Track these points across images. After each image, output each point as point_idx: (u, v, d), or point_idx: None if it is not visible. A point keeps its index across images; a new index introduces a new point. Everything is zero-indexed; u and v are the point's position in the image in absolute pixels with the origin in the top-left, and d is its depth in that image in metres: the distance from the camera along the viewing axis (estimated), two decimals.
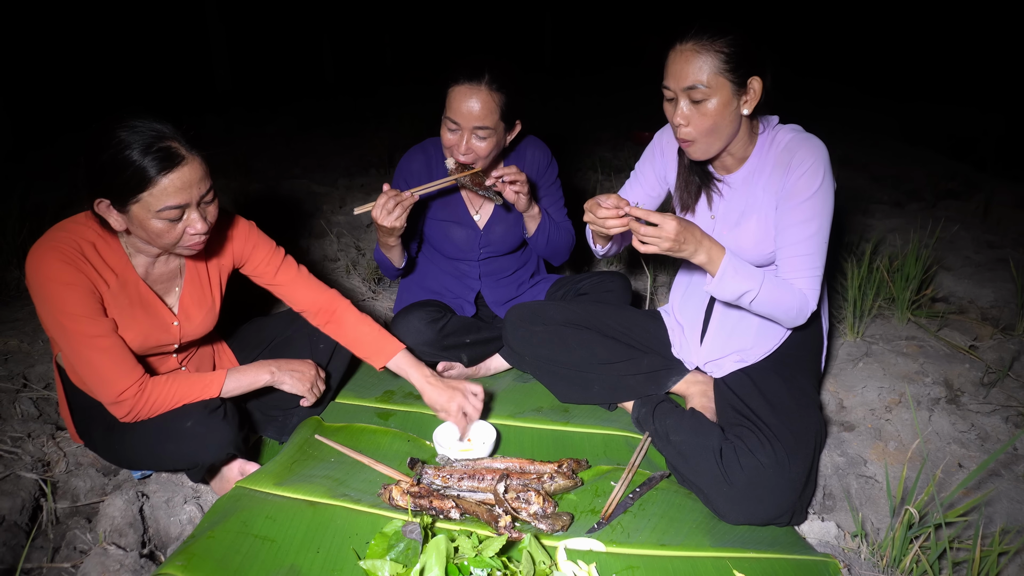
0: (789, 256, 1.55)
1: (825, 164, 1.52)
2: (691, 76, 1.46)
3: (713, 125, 1.49)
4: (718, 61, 1.44)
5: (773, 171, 1.58)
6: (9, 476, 1.61)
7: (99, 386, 1.43)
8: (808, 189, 1.51)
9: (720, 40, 1.44)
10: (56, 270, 1.37)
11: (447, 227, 2.07)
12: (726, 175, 1.67)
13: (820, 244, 1.54)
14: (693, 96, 1.47)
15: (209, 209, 1.44)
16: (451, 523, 1.44)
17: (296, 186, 4.41)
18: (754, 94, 1.50)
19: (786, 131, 1.60)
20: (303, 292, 1.78)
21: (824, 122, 1.69)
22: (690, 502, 1.53)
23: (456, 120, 1.79)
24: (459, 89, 1.78)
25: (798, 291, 1.54)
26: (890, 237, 3.25)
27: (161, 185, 1.32)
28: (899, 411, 1.94)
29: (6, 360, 2.14)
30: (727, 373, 1.77)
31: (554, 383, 1.92)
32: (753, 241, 1.62)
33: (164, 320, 1.57)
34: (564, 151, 5.26)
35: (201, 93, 8.17)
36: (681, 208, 1.76)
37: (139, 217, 1.35)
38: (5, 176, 4.14)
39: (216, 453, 1.50)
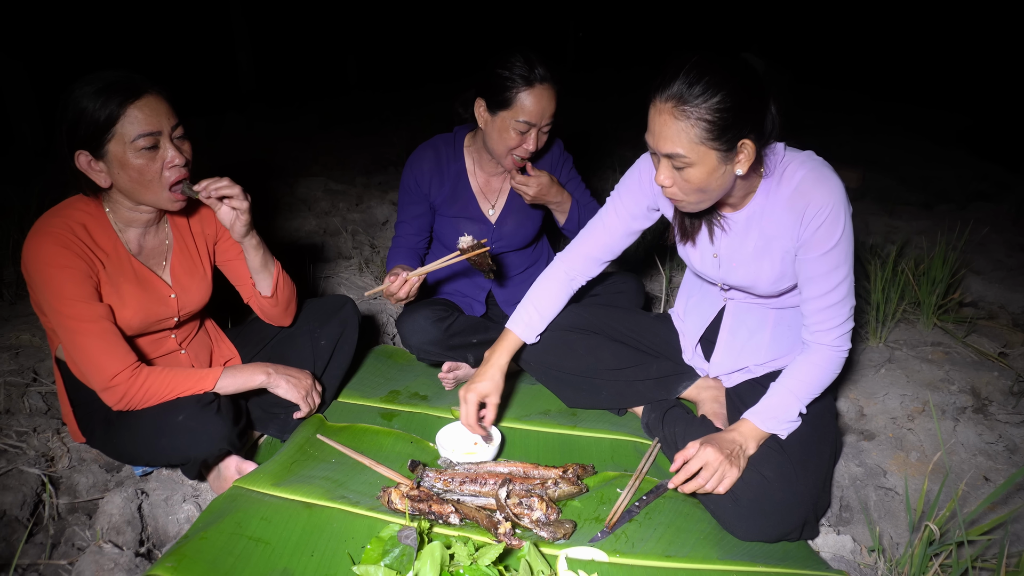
0: (819, 308, 1.43)
1: (844, 206, 1.36)
2: (669, 143, 1.27)
3: (699, 188, 1.32)
4: (699, 130, 1.23)
5: (784, 216, 1.42)
6: (12, 471, 1.61)
7: (92, 371, 1.43)
8: (830, 239, 1.37)
9: (703, 104, 1.22)
10: (52, 254, 1.39)
11: (458, 223, 2.04)
12: (729, 213, 1.51)
13: (849, 286, 1.43)
14: (674, 163, 1.30)
15: (184, 146, 1.47)
16: (450, 528, 1.41)
17: (313, 183, 4.41)
18: (747, 155, 1.29)
19: (796, 166, 1.39)
20: None
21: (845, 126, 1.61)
22: (698, 512, 1.47)
23: (531, 121, 1.80)
24: (535, 91, 1.78)
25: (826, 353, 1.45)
26: (916, 239, 3.16)
27: (130, 115, 1.37)
28: (922, 420, 1.86)
29: (17, 354, 2.14)
30: (736, 384, 1.71)
31: (561, 389, 1.87)
32: (767, 278, 1.52)
33: (161, 293, 1.59)
34: (586, 151, 5.21)
35: (224, 91, 8.24)
36: (681, 239, 1.62)
37: (118, 157, 1.39)
38: (35, 171, 4.19)
39: (209, 448, 1.48)
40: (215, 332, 1.86)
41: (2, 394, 1.95)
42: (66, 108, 1.38)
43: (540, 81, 1.78)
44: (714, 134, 1.24)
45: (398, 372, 2.15)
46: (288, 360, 1.79)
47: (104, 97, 1.36)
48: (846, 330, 1.45)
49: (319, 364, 1.84)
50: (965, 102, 7.60)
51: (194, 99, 7.32)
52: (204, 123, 6.07)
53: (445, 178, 2.00)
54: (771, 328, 1.66)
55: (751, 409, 1.47)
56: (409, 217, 2.05)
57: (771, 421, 1.44)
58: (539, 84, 1.78)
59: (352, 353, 1.91)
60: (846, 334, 1.45)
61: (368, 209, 4.04)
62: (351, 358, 1.92)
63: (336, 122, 6.71)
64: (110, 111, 1.36)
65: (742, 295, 1.67)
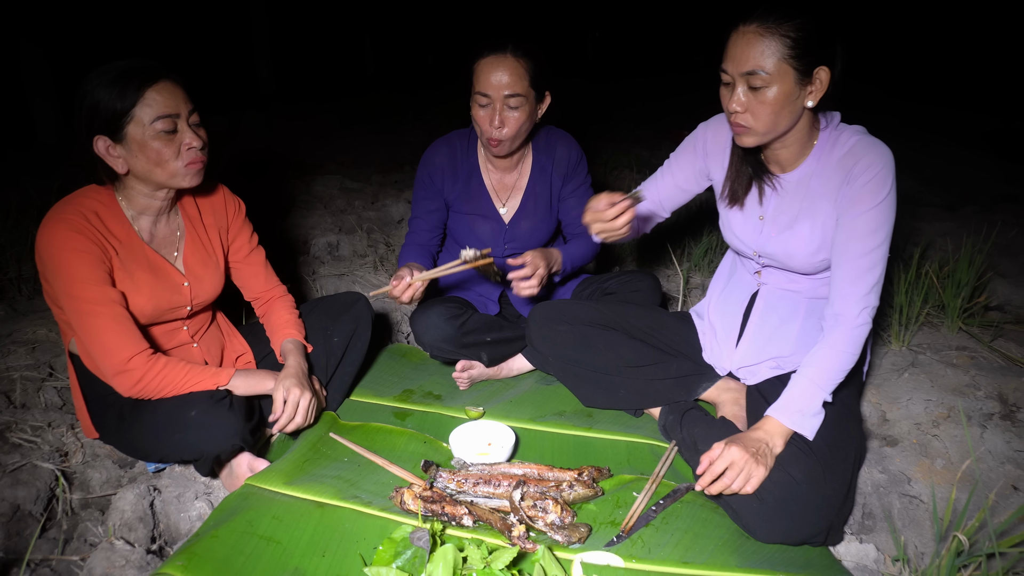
0: (849, 273, 1.42)
1: (892, 172, 1.40)
2: (751, 61, 1.33)
3: (771, 114, 1.37)
4: (783, 46, 1.31)
5: (832, 176, 1.45)
6: (26, 465, 1.61)
7: (105, 354, 1.44)
8: (874, 198, 1.39)
9: (787, 23, 1.31)
10: (65, 238, 1.41)
11: (471, 220, 2.02)
12: (780, 173, 1.55)
13: (882, 257, 1.42)
14: (752, 82, 1.35)
15: (200, 132, 1.50)
16: (463, 530, 1.39)
17: (330, 181, 4.41)
18: (820, 85, 1.36)
19: (851, 133, 1.46)
20: (259, 282, 1.84)
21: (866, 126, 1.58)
22: (717, 517, 1.44)
23: (487, 92, 1.75)
24: (485, 61, 1.75)
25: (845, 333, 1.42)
26: (940, 241, 3.09)
27: (148, 98, 1.40)
28: (947, 426, 1.81)
29: (33, 349, 2.15)
30: (761, 380, 1.67)
31: (578, 386, 1.85)
32: (804, 247, 1.52)
33: (174, 280, 1.60)
34: (602, 150, 5.18)
35: (244, 89, 8.30)
36: (729, 201, 1.64)
37: (137, 139, 1.41)
38: (55, 167, 4.22)
39: (221, 444, 1.47)
40: (227, 327, 1.86)
41: (18, 389, 1.95)
42: (84, 95, 1.40)
43: (493, 51, 1.74)
44: (796, 52, 1.31)
45: (412, 371, 2.13)
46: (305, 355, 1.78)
47: (123, 82, 1.38)
48: (869, 304, 1.42)
49: (332, 362, 1.83)
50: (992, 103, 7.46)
51: (214, 97, 7.38)
52: (224, 120, 6.11)
53: (459, 174, 1.98)
54: (802, 318, 1.64)
55: (773, 405, 1.44)
56: (423, 212, 2.02)
57: (795, 415, 1.41)
58: (492, 54, 1.74)
59: (365, 350, 1.90)
60: (869, 308, 1.42)
61: (384, 207, 4.03)
62: (364, 355, 1.91)
63: (354, 121, 6.73)
64: (129, 94, 1.38)
65: (775, 280, 1.65)
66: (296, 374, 1.64)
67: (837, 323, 1.43)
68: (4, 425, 1.74)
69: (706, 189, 1.77)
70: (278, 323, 1.80)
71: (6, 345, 2.16)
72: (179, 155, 1.46)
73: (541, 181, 1.98)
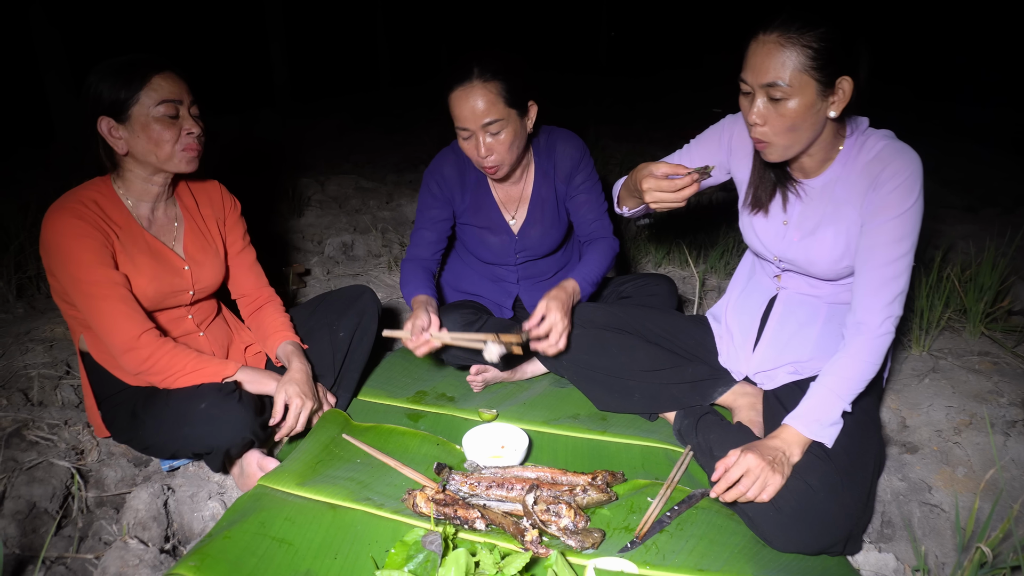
0: (873, 282, 1.39)
1: (920, 179, 1.36)
2: (771, 72, 1.28)
3: (792, 126, 1.33)
4: (804, 57, 1.27)
5: (857, 182, 1.42)
6: (42, 463, 1.62)
7: (114, 333, 1.48)
8: (900, 205, 1.35)
9: (809, 33, 1.26)
10: (68, 225, 1.46)
11: (482, 233, 1.99)
12: (804, 179, 1.51)
13: (907, 266, 1.38)
14: (772, 94, 1.30)
15: (199, 122, 1.57)
16: (475, 534, 1.38)
17: (345, 181, 4.43)
18: (843, 95, 1.32)
19: (877, 138, 1.42)
20: (249, 279, 1.85)
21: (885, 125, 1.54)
22: (732, 524, 1.42)
23: (464, 125, 1.70)
24: (455, 95, 1.68)
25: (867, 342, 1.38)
26: (962, 244, 3.04)
27: (154, 83, 1.48)
28: (969, 433, 1.77)
29: (51, 347, 2.17)
30: (779, 385, 1.65)
31: (592, 389, 1.83)
32: (828, 254, 1.49)
33: (174, 264, 1.64)
34: (616, 150, 5.15)
35: (259, 87, 8.35)
36: (752, 207, 1.60)
37: (140, 120, 1.48)
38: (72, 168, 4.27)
39: (231, 437, 1.48)
40: (234, 321, 1.88)
41: (35, 386, 1.97)
42: (93, 79, 1.48)
43: (460, 82, 1.67)
44: (817, 63, 1.27)
45: (425, 372, 2.12)
46: (308, 355, 1.78)
47: (131, 69, 1.47)
48: (893, 313, 1.38)
49: (338, 357, 1.83)
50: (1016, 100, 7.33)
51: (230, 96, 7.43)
52: (238, 120, 6.14)
53: (467, 185, 1.94)
54: (821, 324, 1.61)
55: (791, 414, 1.41)
56: (429, 223, 1.97)
57: (814, 425, 1.37)
58: (459, 86, 1.67)
59: (371, 344, 1.88)
60: (892, 318, 1.39)
61: (398, 207, 4.04)
62: (371, 349, 1.90)
63: (368, 120, 6.75)
64: (136, 80, 1.47)
65: (795, 284, 1.62)
66: (299, 380, 1.64)
67: (859, 332, 1.40)
68: (21, 423, 1.76)
69: (722, 182, 1.73)
70: (272, 325, 1.80)
71: (24, 343, 2.18)
72: (178, 140, 1.52)
73: (545, 186, 1.94)
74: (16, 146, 5.07)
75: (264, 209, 3.69)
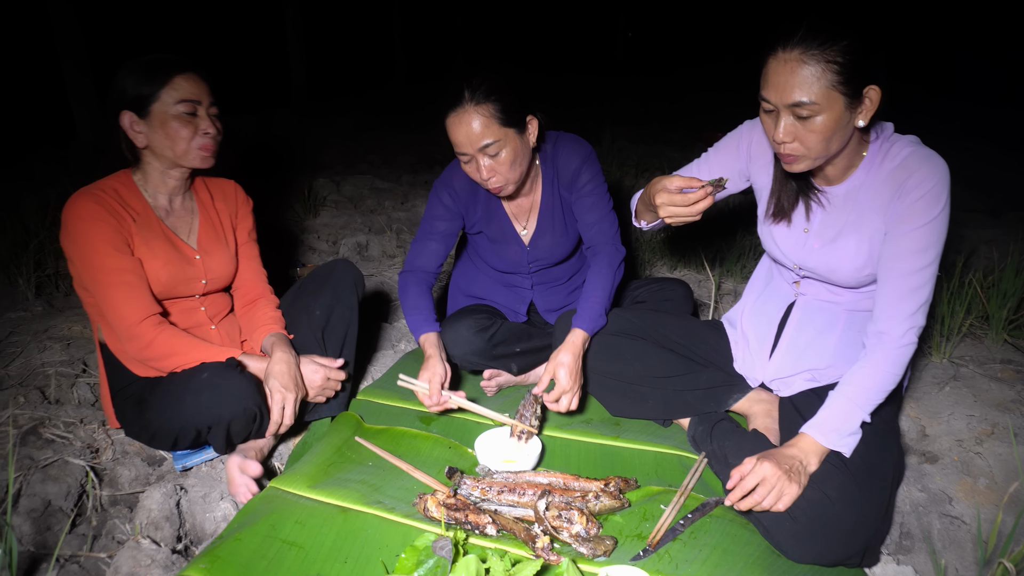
0: (896, 291, 1.35)
1: (947, 187, 1.33)
2: (797, 91, 1.24)
3: (822, 141, 1.29)
4: (830, 72, 1.22)
5: (882, 189, 1.39)
6: (57, 461, 1.63)
7: (119, 318, 1.54)
8: (926, 214, 1.32)
9: (833, 48, 1.21)
10: (86, 208, 1.53)
11: (495, 245, 1.96)
12: (826, 187, 1.48)
13: (931, 276, 1.34)
14: (798, 112, 1.26)
15: (216, 122, 1.63)
16: (486, 539, 1.37)
17: (360, 181, 4.44)
18: (870, 104, 1.28)
19: (903, 144, 1.38)
20: (247, 273, 1.87)
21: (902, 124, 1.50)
22: (747, 533, 1.40)
23: (462, 150, 1.67)
24: (449, 120, 1.66)
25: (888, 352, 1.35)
26: (984, 249, 2.99)
27: (176, 83, 1.56)
28: (991, 443, 1.74)
29: (68, 345, 2.19)
30: (795, 392, 1.62)
31: (605, 396, 1.81)
32: (850, 263, 1.45)
33: (187, 254, 1.69)
34: (632, 152, 5.13)
35: (276, 86, 8.40)
36: (774, 217, 1.56)
37: (159, 116, 1.55)
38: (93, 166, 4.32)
39: (233, 408, 1.49)
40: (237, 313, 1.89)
41: (52, 384, 1.99)
42: (120, 75, 1.57)
43: (452, 107, 1.64)
44: (844, 77, 1.23)
45: None
46: (294, 343, 1.78)
47: (155, 68, 1.55)
48: (916, 324, 1.35)
49: (318, 336, 1.81)
50: None
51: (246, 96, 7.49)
52: (255, 120, 6.18)
53: (479, 196, 1.91)
54: (840, 331, 1.58)
55: (809, 422, 1.38)
56: (436, 234, 1.91)
57: (832, 434, 1.34)
58: (452, 111, 1.64)
59: (352, 316, 1.86)
60: (915, 328, 1.35)
61: (413, 208, 4.04)
62: (353, 321, 1.87)
63: (384, 121, 6.77)
64: (159, 78, 1.55)
65: (814, 291, 1.60)
66: (277, 372, 1.62)
67: (880, 342, 1.36)
68: (38, 421, 1.77)
69: (743, 190, 1.70)
70: (260, 319, 1.80)
71: (42, 341, 2.21)
72: (194, 137, 1.59)
73: (552, 195, 1.90)
74: (38, 145, 5.13)
75: (280, 209, 3.71)
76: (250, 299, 1.86)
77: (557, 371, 1.68)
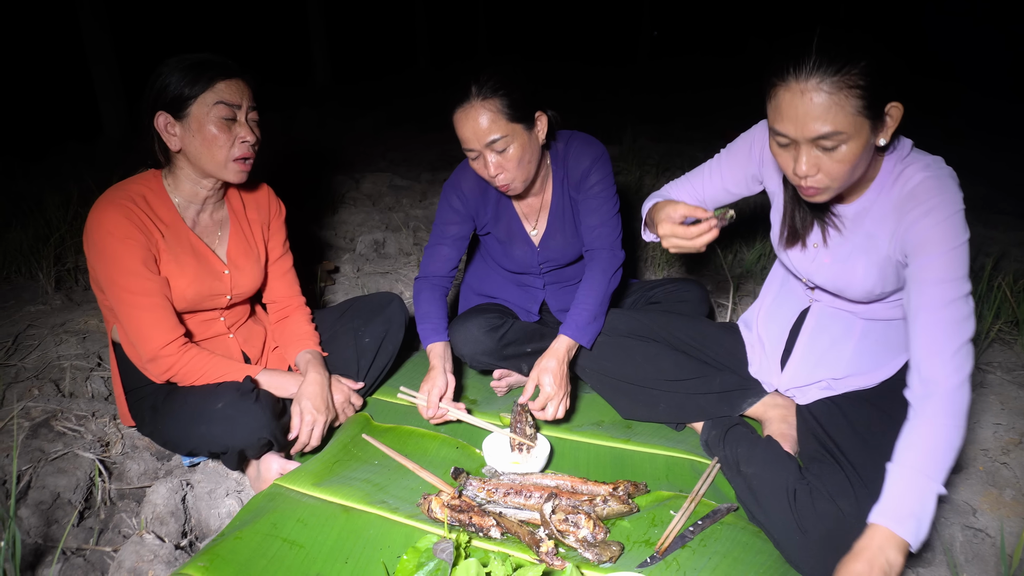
0: (930, 326, 1.19)
1: (959, 217, 1.21)
2: (820, 123, 1.13)
3: (848, 170, 1.19)
4: (853, 99, 1.11)
5: (888, 216, 1.29)
6: (67, 454, 1.64)
7: (141, 340, 1.50)
8: (949, 239, 1.19)
9: (853, 72, 1.11)
10: (114, 224, 1.46)
11: (505, 246, 1.94)
12: (837, 204, 1.39)
13: (967, 313, 1.19)
14: (823, 144, 1.16)
15: (255, 129, 1.55)
16: (490, 542, 1.34)
17: (379, 179, 4.44)
18: (892, 121, 1.18)
19: (917, 168, 1.26)
20: (281, 287, 1.84)
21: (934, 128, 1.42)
22: (759, 542, 1.35)
23: (470, 146, 1.65)
24: (456, 116, 1.64)
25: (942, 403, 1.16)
26: (1015, 252, 2.90)
27: (217, 87, 1.48)
28: (1019, 453, 1.68)
29: (84, 339, 2.21)
30: (811, 401, 1.57)
31: (616, 398, 1.78)
32: (860, 284, 1.38)
33: (215, 268, 1.64)
34: (654, 150, 5.07)
35: (300, 87, 8.46)
36: (788, 242, 1.49)
37: (197, 119, 1.47)
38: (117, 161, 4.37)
39: (246, 438, 1.47)
40: (267, 320, 1.88)
41: (67, 377, 2.01)
42: (160, 73, 1.48)
43: (459, 103, 1.62)
44: (868, 100, 1.13)
45: None
46: (330, 358, 1.77)
47: (199, 70, 1.47)
48: (963, 365, 1.17)
49: (363, 363, 1.82)
50: None
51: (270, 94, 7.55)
52: (279, 118, 6.22)
53: (489, 198, 1.88)
54: (856, 340, 1.52)
55: (875, 511, 1.15)
56: (448, 238, 1.89)
57: (909, 520, 1.12)
58: (459, 107, 1.62)
59: (396, 352, 1.89)
60: (963, 369, 1.17)
61: (431, 206, 4.03)
62: (394, 357, 1.90)
63: (405, 119, 6.78)
64: (201, 82, 1.46)
65: (828, 298, 1.54)
66: (311, 394, 1.62)
67: (929, 392, 1.18)
68: (50, 413, 1.79)
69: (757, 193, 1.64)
70: (296, 333, 1.79)
71: (59, 334, 2.23)
72: (232, 145, 1.51)
73: (562, 195, 1.87)
74: (65, 140, 5.22)
75: (299, 206, 3.72)
76: (285, 314, 1.84)
77: (541, 377, 1.65)
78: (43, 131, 5.58)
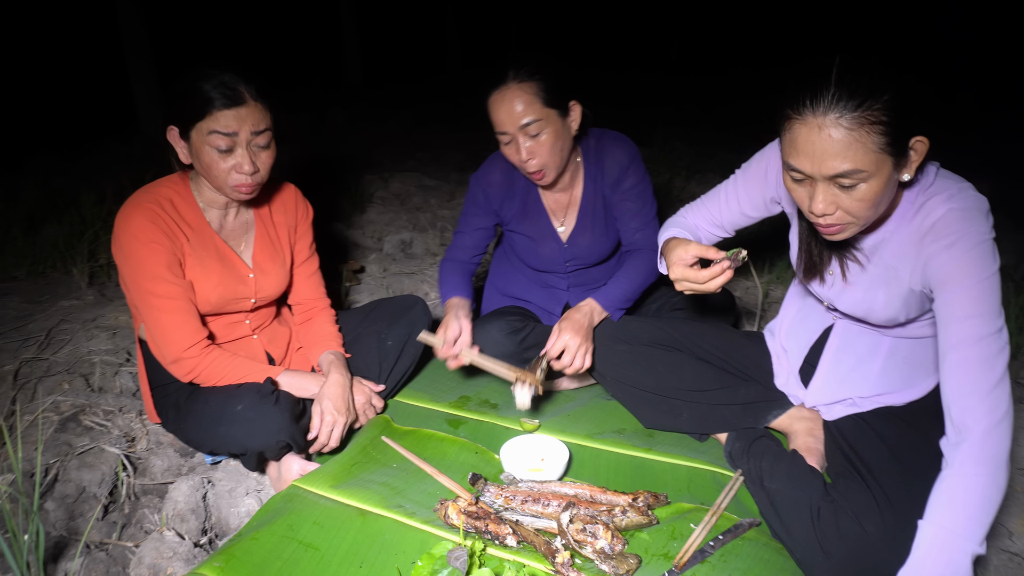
0: (960, 365, 1.10)
1: (986, 250, 1.13)
2: (838, 161, 1.07)
3: (870, 208, 1.12)
4: (875, 135, 1.04)
5: (909, 250, 1.23)
6: (94, 448, 1.67)
7: (166, 343, 1.52)
8: (976, 271, 1.11)
9: (876, 106, 1.04)
10: (140, 228, 1.47)
11: (530, 241, 1.93)
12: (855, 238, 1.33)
13: (999, 350, 1.10)
14: (842, 182, 1.10)
15: (262, 156, 1.51)
16: (505, 551, 1.33)
17: (408, 179, 4.45)
18: (916, 156, 1.11)
19: (941, 199, 1.18)
20: (307, 289, 1.84)
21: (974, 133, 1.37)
22: (781, 559, 1.32)
23: (503, 129, 1.66)
24: (492, 99, 1.65)
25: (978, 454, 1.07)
26: None
27: (216, 116, 1.42)
28: None
29: (114, 334, 2.25)
30: (837, 418, 1.53)
31: (638, 407, 1.75)
32: (882, 312, 1.33)
33: (240, 271, 1.64)
34: (684, 154, 5.00)
35: (331, 88, 8.54)
36: (805, 277, 1.44)
37: (195, 144, 1.46)
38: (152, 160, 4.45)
39: (265, 440, 1.48)
40: (291, 320, 1.89)
41: (97, 372, 2.04)
42: (177, 85, 1.47)
43: (495, 86, 1.64)
44: (891, 136, 1.06)
45: (470, 377, 2.09)
46: (353, 360, 1.77)
47: (207, 94, 1.42)
48: (998, 408, 1.07)
49: (385, 365, 1.82)
50: None
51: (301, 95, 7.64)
52: (308, 117, 6.29)
53: (515, 192, 1.89)
54: (883, 358, 1.46)
55: (903, 570, 1.08)
56: (469, 228, 1.95)
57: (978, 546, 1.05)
58: (495, 90, 1.64)
59: (418, 355, 1.89)
60: (999, 413, 1.07)
61: (459, 206, 4.03)
62: (416, 360, 1.90)
63: (435, 119, 6.80)
64: (203, 108, 1.42)
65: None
66: (333, 395, 1.63)
67: (961, 439, 1.09)
68: (79, 408, 1.82)
69: None
70: (320, 334, 1.80)
71: (90, 329, 2.27)
72: (231, 173, 1.48)
73: (594, 193, 1.86)
74: (102, 138, 5.33)
75: (327, 205, 3.75)
76: (309, 316, 1.85)
77: (561, 325, 1.68)
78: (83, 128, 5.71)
